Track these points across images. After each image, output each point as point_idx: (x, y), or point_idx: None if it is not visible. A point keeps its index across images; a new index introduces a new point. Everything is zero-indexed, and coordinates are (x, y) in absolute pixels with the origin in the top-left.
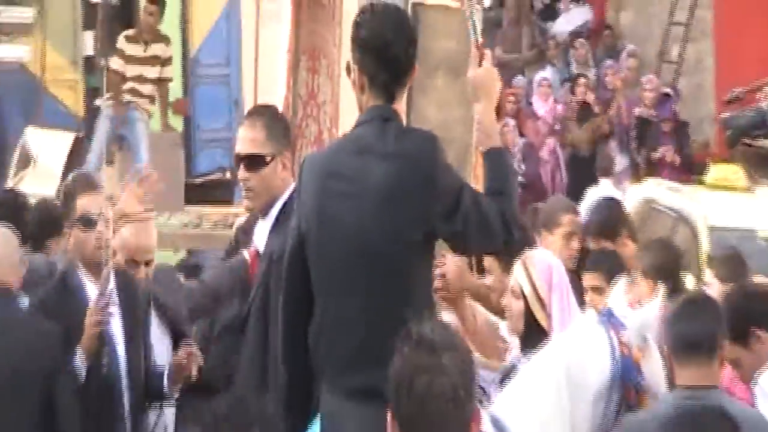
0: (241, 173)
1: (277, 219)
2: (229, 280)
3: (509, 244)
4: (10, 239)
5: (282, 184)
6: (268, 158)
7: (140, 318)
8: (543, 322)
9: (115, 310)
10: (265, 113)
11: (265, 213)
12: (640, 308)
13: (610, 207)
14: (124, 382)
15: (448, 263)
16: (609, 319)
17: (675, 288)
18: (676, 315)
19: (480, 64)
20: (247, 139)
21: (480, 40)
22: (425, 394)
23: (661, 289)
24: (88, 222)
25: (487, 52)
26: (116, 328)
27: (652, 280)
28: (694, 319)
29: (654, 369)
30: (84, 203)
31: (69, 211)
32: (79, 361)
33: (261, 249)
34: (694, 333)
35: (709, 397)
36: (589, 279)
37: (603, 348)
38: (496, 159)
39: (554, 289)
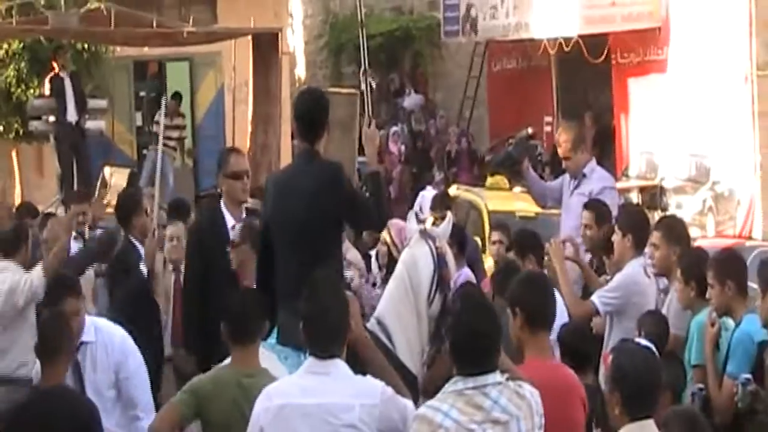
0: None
1: None
2: None
3: (380, 223)
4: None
5: None
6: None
7: None
8: (396, 255)
9: None
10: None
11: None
12: (442, 225)
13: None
14: None
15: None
16: (426, 234)
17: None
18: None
19: (369, 126)
20: (244, 162)
21: (370, 112)
22: (326, 314)
23: (449, 216)
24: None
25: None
26: None
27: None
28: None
29: (450, 260)
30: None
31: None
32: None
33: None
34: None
35: None
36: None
37: (426, 251)
38: (374, 177)
39: (403, 238)
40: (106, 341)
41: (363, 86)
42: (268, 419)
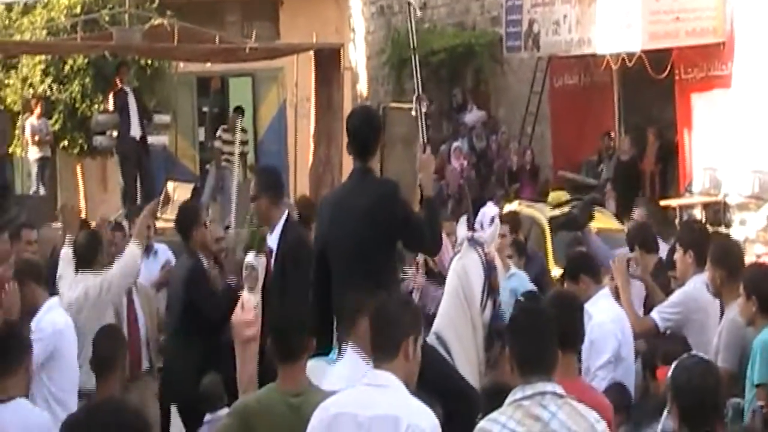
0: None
1: (282, 232)
2: None
3: (434, 247)
4: None
5: (275, 214)
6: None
7: None
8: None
9: None
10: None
11: (271, 230)
12: (489, 230)
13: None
14: None
15: None
16: (474, 241)
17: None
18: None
19: (424, 152)
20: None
21: (426, 138)
22: (379, 317)
23: (496, 221)
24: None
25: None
26: None
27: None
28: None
29: (499, 265)
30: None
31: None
32: None
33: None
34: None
35: None
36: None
37: (476, 259)
38: (429, 204)
39: (448, 251)
40: None
41: (415, 113)
42: (322, 428)
